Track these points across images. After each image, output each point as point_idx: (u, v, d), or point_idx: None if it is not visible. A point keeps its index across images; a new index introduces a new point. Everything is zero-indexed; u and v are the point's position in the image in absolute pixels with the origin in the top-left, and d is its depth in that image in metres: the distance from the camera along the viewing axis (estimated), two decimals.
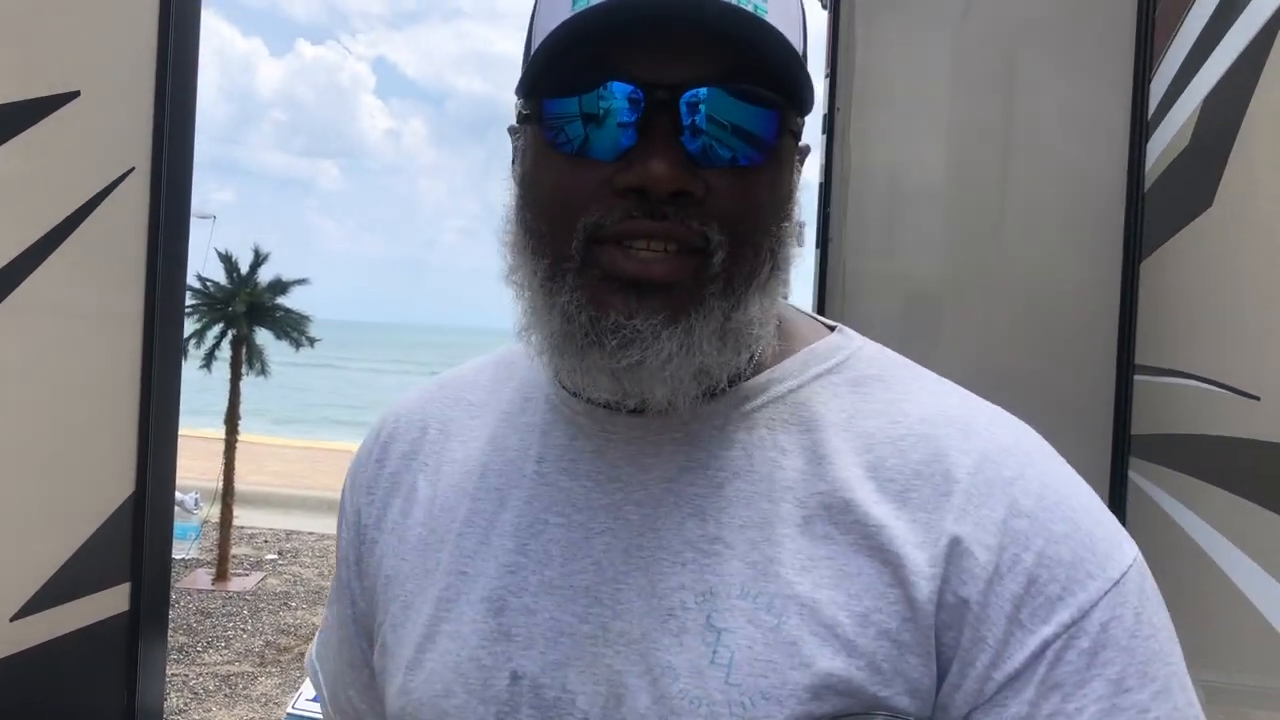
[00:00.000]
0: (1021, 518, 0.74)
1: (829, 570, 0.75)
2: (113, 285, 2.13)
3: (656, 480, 0.81)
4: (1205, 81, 2.35)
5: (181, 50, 2.23)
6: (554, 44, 0.73)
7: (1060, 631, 0.71)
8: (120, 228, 2.10)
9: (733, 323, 0.76)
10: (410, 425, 0.98)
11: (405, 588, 0.89)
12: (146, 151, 2.16)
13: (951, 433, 0.78)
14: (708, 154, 0.73)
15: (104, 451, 2.13)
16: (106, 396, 2.13)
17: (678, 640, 0.75)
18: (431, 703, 0.82)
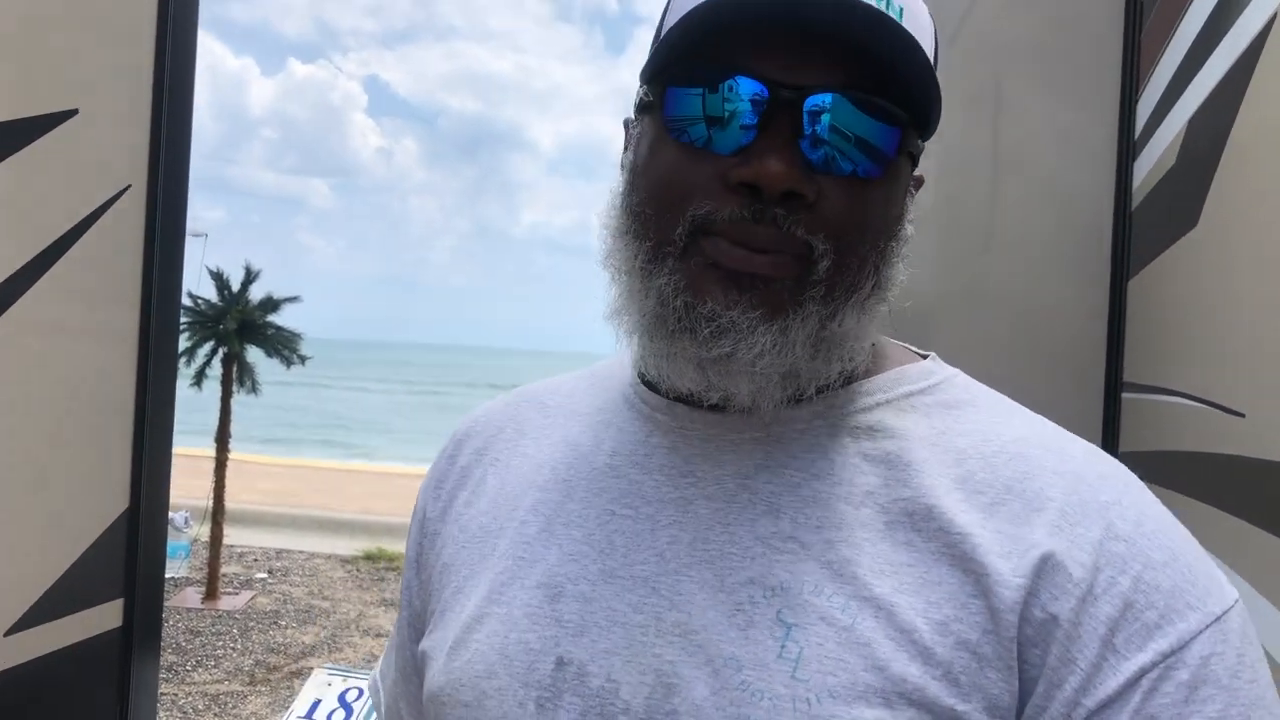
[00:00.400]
0: (1119, 541, 0.71)
1: (909, 576, 0.73)
2: (108, 302, 2.14)
3: (731, 476, 0.80)
4: (1190, 103, 2.39)
5: (178, 69, 2.25)
6: (684, 31, 0.73)
7: (1158, 660, 0.67)
8: (116, 245, 2.12)
9: (827, 331, 0.75)
10: (486, 426, 0.99)
11: (460, 573, 0.88)
12: (143, 169, 2.17)
13: (1046, 455, 0.77)
14: (825, 162, 0.73)
15: (99, 467, 2.13)
16: (102, 413, 2.14)
17: (744, 634, 0.73)
18: (472, 683, 0.81)
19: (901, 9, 0.74)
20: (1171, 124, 2.53)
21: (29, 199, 1.88)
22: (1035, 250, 3.09)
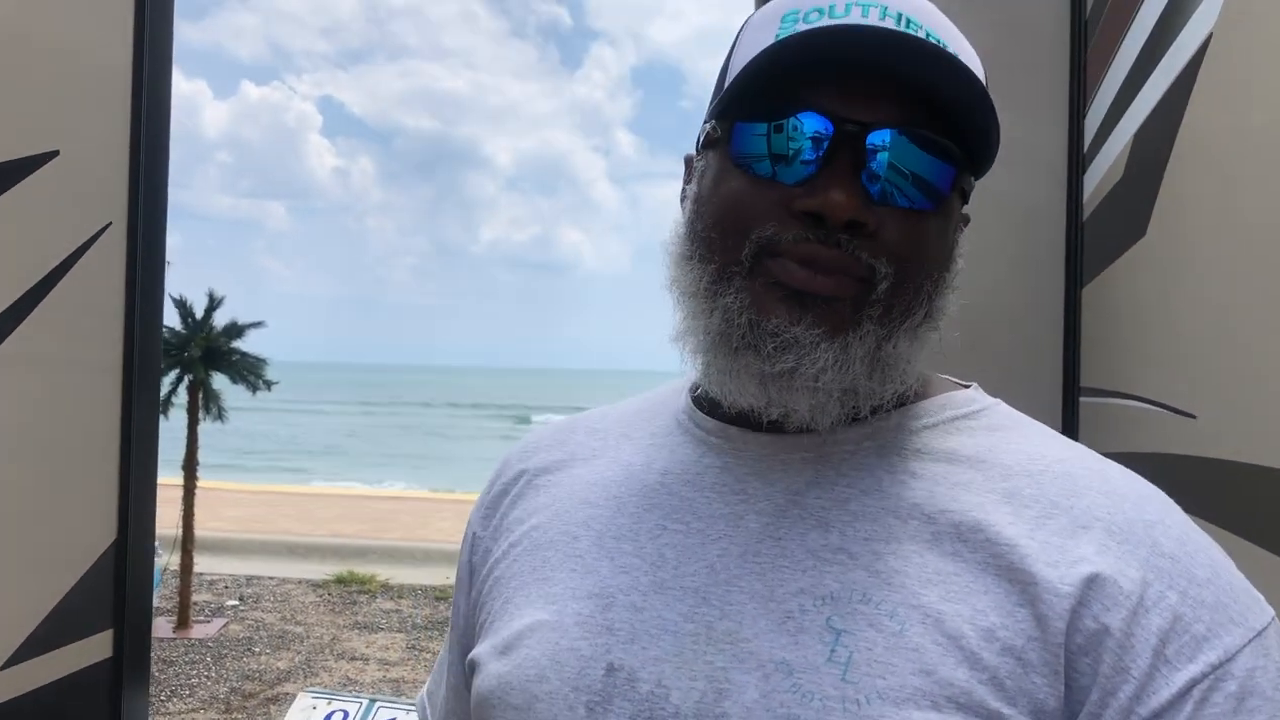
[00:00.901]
0: (1164, 558, 0.74)
1: (956, 585, 0.75)
2: (92, 338, 2.17)
3: (781, 492, 0.83)
4: (1136, 116, 2.48)
5: (154, 106, 2.29)
6: (753, 71, 0.77)
7: (1207, 672, 0.70)
8: (99, 281, 2.15)
9: (883, 352, 0.78)
10: (537, 449, 1.02)
11: (511, 585, 0.91)
12: (123, 206, 2.21)
13: (1090, 476, 0.79)
14: (885, 193, 0.76)
15: (87, 500, 2.17)
16: (88, 446, 2.17)
17: (794, 640, 0.75)
18: (523, 686, 0.83)
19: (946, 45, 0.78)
20: (1119, 137, 2.62)
21: (15, 238, 1.92)
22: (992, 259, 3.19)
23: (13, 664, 1.93)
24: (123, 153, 2.22)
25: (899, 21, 0.77)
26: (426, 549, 10.60)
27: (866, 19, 0.76)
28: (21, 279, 1.94)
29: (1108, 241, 2.71)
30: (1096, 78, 2.86)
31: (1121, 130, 2.61)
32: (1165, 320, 2.28)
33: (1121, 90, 2.61)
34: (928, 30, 0.78)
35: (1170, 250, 2.26)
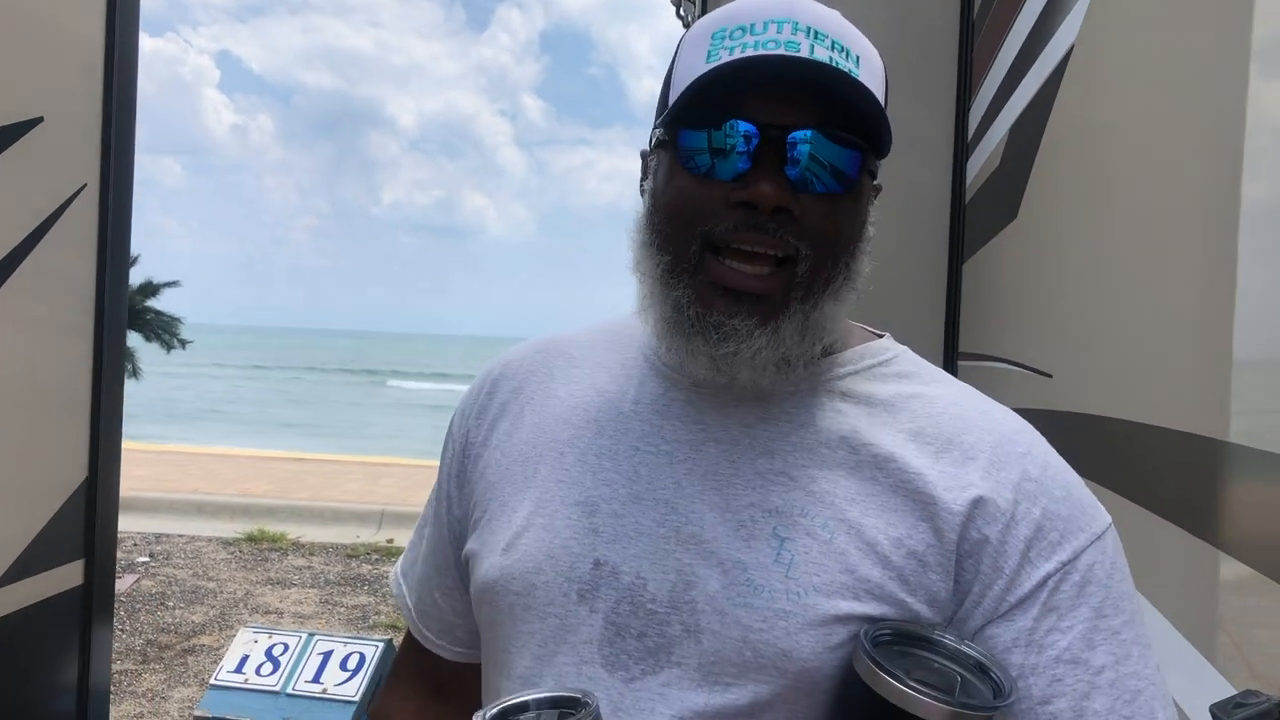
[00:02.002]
0: (1031, 482, 0.93)
1: (873, 504, 0.94)
2: (66, 296, 2.35)
3: (736, 424, 1.00)
4: (1013, 111, 2.79)
5: (124, 70, 2.46)
6: (695, 89, 0.92)
7: (1058, 568, 0.90)
8: (74, 241, 2.33)
9: (811, 321, 0.95)
10: (519, 368, 1.17)
11: (504, 490, 1.07)
12: (95, 168, 2.39)
13: (976, 416, 0.98)
14: (804, 182, 0.91)
15: (62, 443, 2.35)
16: (63, 396, 2.35)
17: (747, 544, 0.94)
18: (522, 576, 1.00)
19: (859, 57, 0.94)
20: (998, 128, 2.93)
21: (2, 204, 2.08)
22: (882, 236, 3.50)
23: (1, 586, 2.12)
24: (95, 116, 2.39)
25: (809, 34, 0.91)
26: (336, 509, 10.66)
27: (781, 35, 0.91)
28: (7, 240, 2.10)
29: (985, 223, 3.02)
30: (981, 73, 3.16)
31: (1000, 122, 2.91)
32: (1029, 293, 2.59)
33: (1001, 86, 2.91)
34: (833, 40, 0.92)
35: (1034, 232, 2.56)
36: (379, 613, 7.39)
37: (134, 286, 8.17)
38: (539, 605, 0.99)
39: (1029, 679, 0.89)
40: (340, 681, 3.11)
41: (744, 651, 0.90)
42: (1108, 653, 0.89)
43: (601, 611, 0.96)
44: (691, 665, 0.92)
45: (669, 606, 0.94)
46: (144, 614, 7.06)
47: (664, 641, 0.93)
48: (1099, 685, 0.88)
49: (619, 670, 0.94)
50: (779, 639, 0.90)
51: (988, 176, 3.00)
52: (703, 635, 0.92)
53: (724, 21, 0.95)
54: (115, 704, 5.49)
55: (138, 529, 9.33)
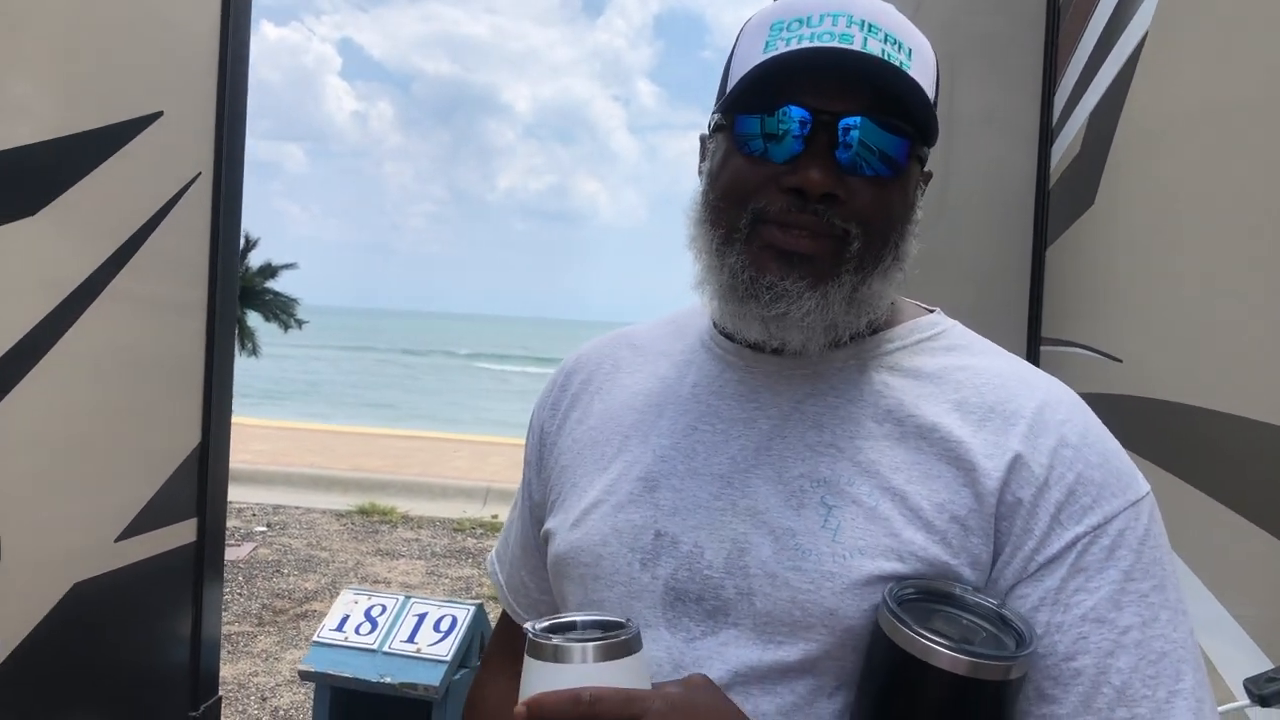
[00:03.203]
0: (1068, 448, 0.96)
1: (917, 472, 0.97)
2: (182, 277, 2.54)
3: (787, 400, 1.06)
4: (1091, 99, 2.80)
5: (236, 67, 2.64)
6: (752, 77, 0.97)
7: (1088, 531, 0.92)
8: (190, 225, 2.52)
9: (859, 293, 0.99)
10: (589, 361, 1.25)
11: (576, 473, 1.16)
12: (209, 157, 2.57)
13: (1019, 385, 1.01)
14: (854, 166, 0.96)
15: (178, 410, 2.55)
16: (181, 367, 2.55)
17: (797, 512, 0.99)
18: (590, 548, 1.08)
19: (911, 50, 0.98)
20: (1079, 115, 2.94)
21: (124, 190, 2.25)
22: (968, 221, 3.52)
23: (123, 539, 2.32)
24: (210, 110, 2.57)
25: (862, 28, 0.96)
26: (443, 484, 10.99)
27: (835, 27, 0.96)
28: (129, 225, 2.28)
29: (1066, 208, 3.03)
30: (1065, 59, 3.17)
31: (1081, 109, 2.92)
32: (1104, 279, 2.62)
33: (1083, 72, 2.92)
34: (886, 33, 0.96)
35: (1110, 218, 2.58)
36: (481, 584, 7.64)
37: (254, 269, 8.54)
38: (606, 574, 1.06)
39: (1054, 636, 0.91)
40: (433, 642, 3.29)
41: (793, 611, 0.96)
42: (1135, 614, 0.91)
43: (662, 578, 1.03)
44: (747, 625, 0.98)
45: (724, 572, 1.00)
46: (260, 580, 7.42)
47: (720, 604, 0.99)
48: (1124, 644, 0.90)
49: (680, 631, 1.01)
50: (825, 599, 0.95)
51: (1069, 162, 3.01)
52: (756, 597, 0.98)
53: (782, 14, 1.00)
54: (232, 663, 5.82)
55: (256, 500, 9.77)
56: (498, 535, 4.77)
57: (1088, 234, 2.79)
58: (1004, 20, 3.54)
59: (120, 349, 2.29)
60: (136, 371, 2.37)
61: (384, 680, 3.22)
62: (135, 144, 2.25)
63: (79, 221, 2.09)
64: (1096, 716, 0.90)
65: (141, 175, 2.31)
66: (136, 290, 2.31)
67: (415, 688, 3.20)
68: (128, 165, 2.23)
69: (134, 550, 2.36)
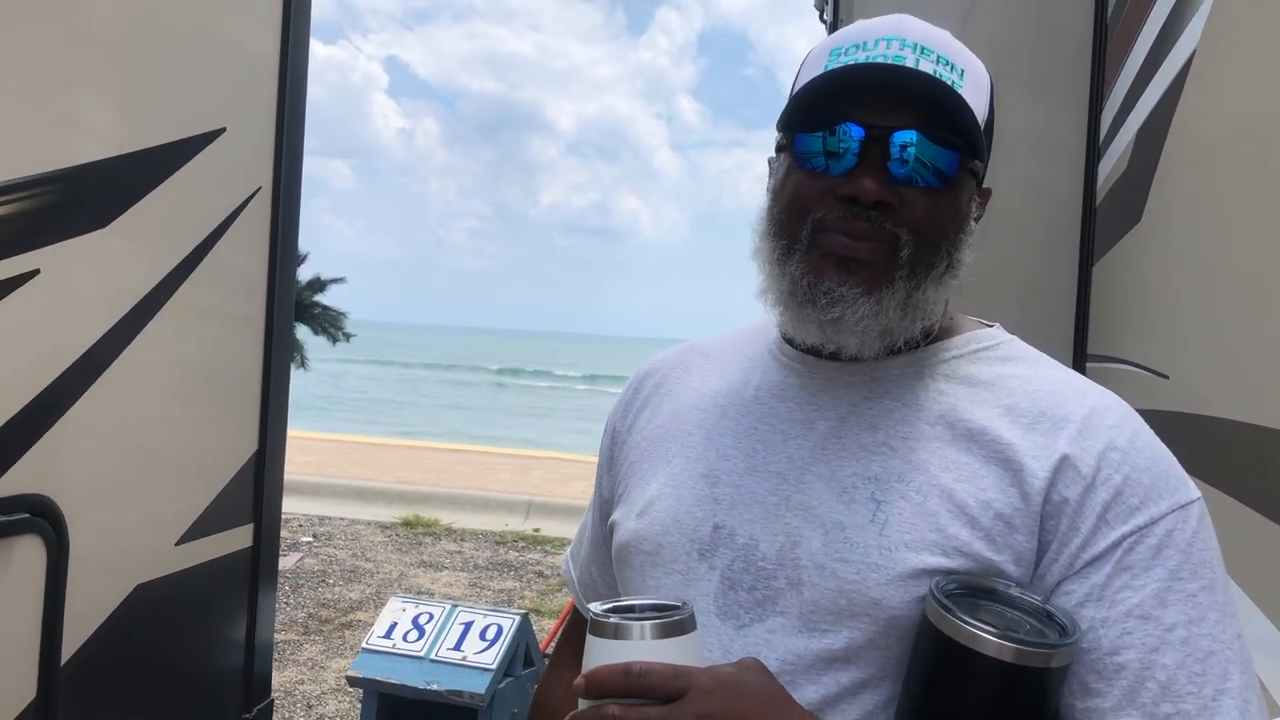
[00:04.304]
0: (1116, 451, 0.98)
1: (966, 471, 1.01)
2: (242, 289, 2.61)
3: (844, 403, 1.10)
4: (1140, 114, 2.80)
5: (295, 84, 2.72)
6: (808, 92, 1.03)
7: (1134, 530, 0.95)
8: (249, 239, 2.59)
9: (913, 299, 1.03)
10: (662, 366, 1.32)
11: (642, 467, 1.22)
12: (269, 172, 2.64)
13: (1071, 392, 1.04)
14: (905, 178, 1.01)
15: (236, 419, 2.61)
16: (239, 377, 2.62)
17: (847, 508, 1.03)
18: (652, 537, 1.13)
19: (964, 71, 1.04)
20: (1126, 132, 2.94)
21: (187, 204, 2.32)
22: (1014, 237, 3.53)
23: (183, 542, 2.38)
24: (270, 126, 2.64)
25: (915, 50, 1.02)
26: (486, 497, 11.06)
27: (890, 50, 1.02)
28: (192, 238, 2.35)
29: (1113, 225, 3.03)
30: (1113, 76, 3.17)
31: (1129, 125, 2.92)
32: (1149, 295, 2.62)
33: (1130, 89, 2.92)
34: (939, 55, 1.03)
35: (1159, 235, 2.59)
36: (523, 597, 7.68)
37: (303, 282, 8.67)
38: (665, 563, 1.11)
39: (1098, 632, 0.93)
40: (479, 650, 3.33)
41: (839, 600, 1.00)
42: (1181, 612, 0.93)
43: (718, 568, 1.07)
44: (794, 614, 1.02)
45: (776, 563, 1.04)
46: (306, 590, 7.51)
47: (770, 594, 1.04)
48: (1169, 641, 0.92)
49: (730, 619, 1.05)
50: (870, 589, 0.98)
51: (1116, 179, 3.02)
52: (804, 587, 1.02)
53: (841, 40, 1.07)
54: (278, 670, 5.89)
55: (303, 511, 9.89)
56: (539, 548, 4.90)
57: (1135, 250, 2.79)
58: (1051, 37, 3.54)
59: (183, 359, 2.35)
60: (198, 380, 2.43)
61: (430, 687, 3.27)
62: (199, 159, 2.32)
63: (145, 234, 2.16)
64: (1141, 711, 0.91)
65: (204, 190, 2.38)
66: (199, 302, 2.37)
67: (461, 695, 3.25)
68: (191, 180, 2.30)
69: (194, 554, 2.42)
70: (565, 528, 9.75)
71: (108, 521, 2.09)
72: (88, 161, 1.98)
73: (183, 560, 2.38)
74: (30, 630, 1.88)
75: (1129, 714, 0.91)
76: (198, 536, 2.43)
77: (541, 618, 7.04)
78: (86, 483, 2.02)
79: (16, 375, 1.84)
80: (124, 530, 2.16)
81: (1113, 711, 0.92)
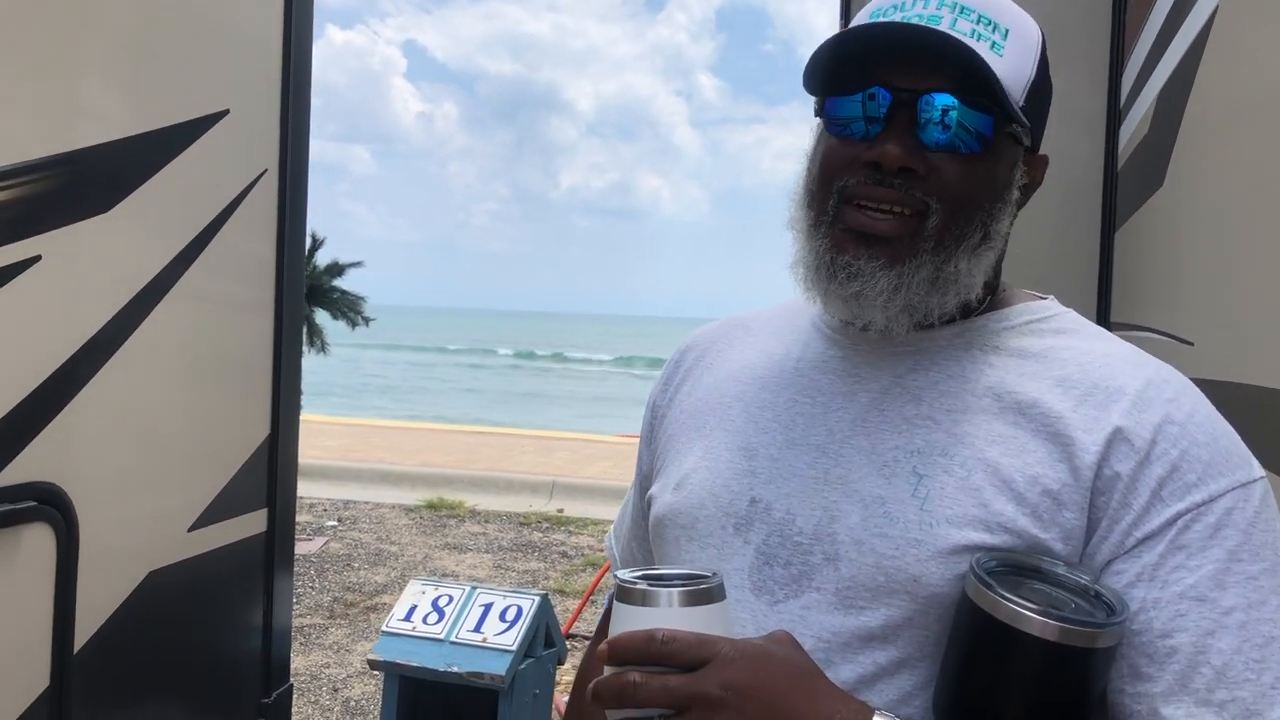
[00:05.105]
0: (1173, 425, 0.93)
1: (1013, 445, 0.97)
2: (250, 273, 2.59)
3: (887, 375, 1.07)
4: (1160, 79, 2.75)
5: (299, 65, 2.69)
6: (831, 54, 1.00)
7: (1191, 508, 0.90)
8: (256, 221, 2.56)
9: (944, 273, 1.00)
10: (703, 340, 1.29)
11: (680, 440, 1.19)
12: (275, 154, 2.62)
13: (1126, 365, 1.00)
14: (935, 142, 0.97)
15: (247, 403, 2.60)
16: (250, 362, 2.60)
17: (888, 481, 1.00)
18: (687, 510, 1.11)
19: (1008, 30, 1.00)
20: (1146, 95, 2.89)
21: (192, 187, 2.30)
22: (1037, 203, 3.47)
23: (196, 528, 2.37)
24: (275, 108, 2.62)
25: (954, 9, 0.98)
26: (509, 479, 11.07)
27: (926, 9, 0.99)
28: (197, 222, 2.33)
29: (1134, 190, 2.98)
30: (1133, 39, 3.11)
31: (1149, 89, 2.86)
32: (1172, 261, 2.57)
33: (1150, 52, 2.86)
34: (979, 13, 0.99)
35: (1181, 200, 2.54)
36: (548, 578, 7.69)
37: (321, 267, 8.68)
38: (700, 536, 1.09)
39: (1150, 613, 0.89)
40: (499, 631, 3.32)
41: (877, 576, 0.96)
42: (1240, 595, 0.88)
43: (754, 543, 1.05)
44: (829, 590, 0.99)
45: (812, 538, 1.01)
46: (331, 574, 7.55)
47: (806, 569, 1.01)
48: (1226, 625, 0.87)
49: (765, 594, 1.02)
50: (909, 565, 0.95)
51: (1138, 144, 2.96)
52: (841, 563, 0.99)
53: (881, 2, 1.04)
54: (304, 654, 5.92)
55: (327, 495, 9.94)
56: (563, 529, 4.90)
57: (1157, 216, 2.73)
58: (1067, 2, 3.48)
59: (191, 343, 2.34)
60: (207, 365, 2.42)
61: (451, 669, 3.26)
62: (202, 142, 2.30)
63: (149, 219, 2.14)
64: (1194, 697, 0.87)
65: (209, 172, 2.36)
66: (206, 285, 2.35)
67: (482, 676, 3.24)
68: (196, 163, 2.28)
69: (207, 540, 2.41)
70: (589, 508, 9.78)
71: (118, 508, 2.08)
72: (88, 146, 1.96)
73: (196, 546, 2.37)
74: (42, 619, 1.87)
75: (1181, 700, 0.87)
76: (211, 522, 2.42)
77: (566, 598, 7.05)
78: (96, 470, 2.01)
79: (20, 362, 1.82)
80: (135, 517, 2.15)
81: (1164, 697, 0.88)
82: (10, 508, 1.77)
